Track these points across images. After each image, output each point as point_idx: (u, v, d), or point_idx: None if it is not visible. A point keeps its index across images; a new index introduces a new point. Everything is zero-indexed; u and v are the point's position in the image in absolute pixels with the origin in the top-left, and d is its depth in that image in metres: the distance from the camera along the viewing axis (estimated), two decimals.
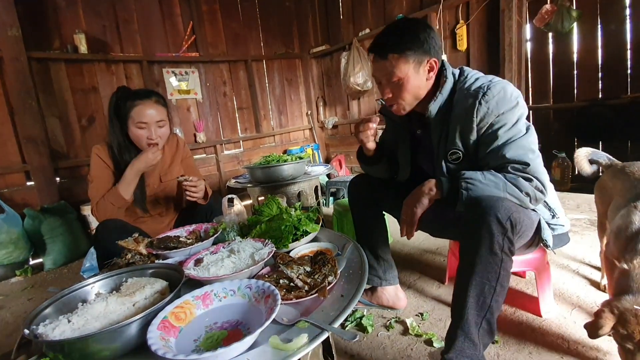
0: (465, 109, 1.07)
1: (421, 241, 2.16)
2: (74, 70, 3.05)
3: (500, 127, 1.03)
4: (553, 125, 3.06)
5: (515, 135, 1.02)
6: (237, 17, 3.98)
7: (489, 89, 1.03)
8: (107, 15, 3.20)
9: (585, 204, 2.46)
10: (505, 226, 0.91)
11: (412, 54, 1.08)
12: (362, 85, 3.75)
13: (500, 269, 0.93)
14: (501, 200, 0.93)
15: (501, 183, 0.97)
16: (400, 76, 1.09)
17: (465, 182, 0.98)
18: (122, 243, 1.16)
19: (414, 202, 1.07)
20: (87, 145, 3.11)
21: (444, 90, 1.14)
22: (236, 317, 0.80)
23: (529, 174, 0.98)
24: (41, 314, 0.81)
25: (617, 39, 2.67)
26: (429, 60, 1.11)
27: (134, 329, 0.72)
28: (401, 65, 1.08)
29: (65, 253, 2.67)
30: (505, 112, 1.02)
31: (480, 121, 1.05)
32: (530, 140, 1.03)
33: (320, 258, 0.97)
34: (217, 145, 3.88)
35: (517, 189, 0.97)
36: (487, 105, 1.03)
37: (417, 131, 1.30)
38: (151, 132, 1.48)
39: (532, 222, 1.03)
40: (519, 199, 0.97)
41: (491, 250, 0.92)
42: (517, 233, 0.95)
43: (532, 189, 0.97)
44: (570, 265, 1.69)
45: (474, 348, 0.94)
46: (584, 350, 1.14)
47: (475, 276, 0.94)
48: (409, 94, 1.13)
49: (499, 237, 0.92)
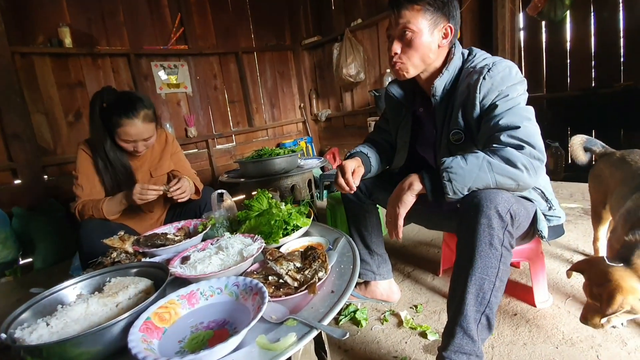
0: (469, 85, 1.04)
1: (415, 233, 2.15)
2: (59, 64, 2.96)
3: (501, 99, 0.99)
4: (546, 115, 3.06)
5: (513, 106, 0.97)
6: (227, 8, 3.89)
7: (494, 65, 1.01)
8: (92, 7, 3.10)
9: (579, 193, 2.46)
10: (505, 219, 0.88)
11: (431, 12, 1.05)
12: (355, 76, 3.70)
13: (500, 264, 0.90)
14: (499, 192, 0.89)
15: (485, 163, 0.89)
16: (414, 29, 1.06)
17: (447, 172, 0.91)
18: (107, 241, 1.12)
19: (396, 201, 1.00)
20: (74, 142, 3.03)
21: (451, 67, 1.10)
22: (223, 316, 0.77)
23: (519, 141, 0.90)
24: (19, 317, 0.78)
25: (610, 27, 2.65)
26: (446, 25, 1.08)
27: (115, 331, 0.69)
28: (418, 18, 1.05)
29: (55, 252, 2.62)
30: (508, 87, 0.99)
31: (483, 98, 1.01)
32: (529, 110, 0.98)
33: (310, 253, 0.95)
34: (209, 140, 3.82)
35: (506, 165, 0.89)
36: (491, 80, 1.00)
37: (420, 109, 1.26)
38: (138, 146, 1.46)
39: (529, 213, 1.00)
40: (509, 176, 0.89)
41: (491, 245, 0.88)
42: (516, 226, 0.91)
43: (525, 158, 0.89)
44: (564, 255, 1.69)
45: (473, 344, 0.91)
46: (579, 339, 1.14)
47: (475, 271, 0.90)
48: (417, 53, 1.09)
49: (500, 231, 0.88)
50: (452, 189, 0.91)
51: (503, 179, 0.90)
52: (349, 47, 3.65)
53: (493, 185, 0.90)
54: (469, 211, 0.90)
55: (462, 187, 0.91)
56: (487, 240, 0.88)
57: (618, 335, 1.13)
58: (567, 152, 2.98)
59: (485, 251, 0.89)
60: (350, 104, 4.14)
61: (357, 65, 3.67)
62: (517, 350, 1.13)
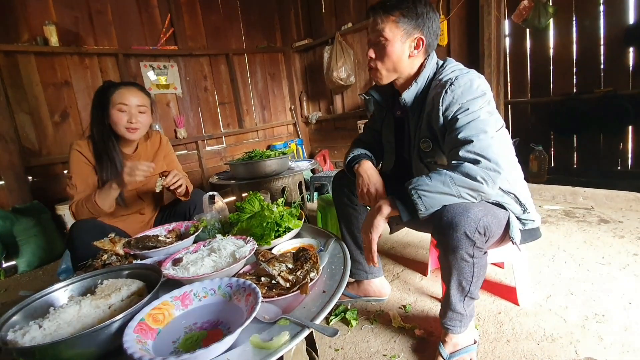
0: (433, 98, 1.09)
1: (404, 234, 2.19)
2: (44, 63, 2.91)
3: (461, 113, 1.02)
4: (530, 119, 3.15)
5: (472, 120, 0.99)
6: (217, 9, 3.89)
7: (456, 79, 1.04)
8: (78, 5, 3.06)
9: (561, 196, 2.55)
10: (474, 238, 0.94)
11: (404, 23, 1.11)
12: (346, 79, 3.74)
13: (474, 268, 1.01)
14: (468, 210, 0.93)
15: (447, 179, 0.94)
16: (387, 37, 1.12)
17: (415, 190, 0.96)
18: (98, 244, 1.12)
19: (368, 227, 1.05)
20: (61, 142, 2.99)
21: (420, 78, 1.15)
22: (216, 317, 0.78)
23: (475, 155, 0.94)
24: (10, 319, 0.77)
25: (591, 35, 2.75)
26: (418, 37, 1.12)
27: (109, 332, 0.69)
28: (392, 27, 1.11)
29: (39, 254, 2.56)
30: (468, 101, 1.02)
31: (445, 110, 1.05)
32: (487, 123, 0.98)
33: (302, 254, 0.97)
34: (199, 141, 3.80)
35: (466, 178, 0.93)
36: (452, 94, 1.03)
37: (398, 112, 1.31)
38: (131, 115, 1.46)
39: (500, 221, 1.02)
40: (471, 188, 0.93)
41: (463, 259, 0.99)
42: (486, 239, 0.97)
43: (482, 170, 0.92)
44: (546, 255, 1.75)
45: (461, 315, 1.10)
46: (559, 336, 1.19)
47: (453, 277, 1.04)
48: (389, 60, 1.15)
49: (469, 249, 0.96)
50: (423, 204, 0.96)
51: (465, 191, 0.95)
52: (339, 50, 3.69)
53: (458, 197, 0.95)
54: (441, 231, 0.98)
55: (431, 202, 0.96)
56: (458, 257, 0.99)
57: (595, 331, 1.19)
58: (550, 156, 3.08)
59: (458, 263, 1.00)
60: (340, 106, 4.18)
61: (347, 69, 3.71)
62: (501, 347, 1.17)
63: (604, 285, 1.44)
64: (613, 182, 2.52)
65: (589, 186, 2.44)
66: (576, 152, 3.01)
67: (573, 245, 1.83)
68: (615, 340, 1.14)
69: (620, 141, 2.80)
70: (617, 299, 1.35)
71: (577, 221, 2.13)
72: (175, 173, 1.48)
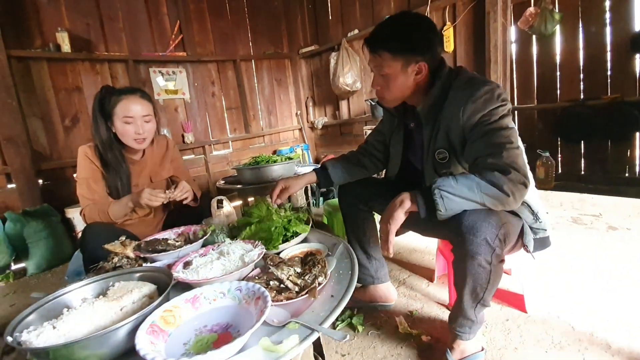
0: (452, 110, 1.08)
1: (410, 240, 2.19)
2: (56, 69, 2.96)
3: (483, 122, 1.02)
4: (537, 125, 3.13)
5: (496, 130, 0.99)
6: (225, 16, 3.94)
7: (477, 90, 1.04)
8: (90, 13, 3.13)
9: (568, 202, 2.53)
10: (494, 245, 0.93)
11: (401, 54, 1.09)
12: (352, 85, 3.76)
13: (491, 275, 0.99)
14: (488, 218, 0.92)
15: (474, 184, 0.93)
16: (388, 72, 1.12)
17: (439, 190, 0.94)
18: (109, 247, 1.14)
19: (387, 218, 1.03)
20: (71, 146, 3.03)
21: (433, 92, 1.13)
22: (226, 320, 0.79)
23: (504, 165, 0.93)
24: (24, 320, 0.79)
25: (598, 41, 2.74)
26: (419, 63, 1.11)
27: (121, 334, 0.71)
28: (389, 62, 1.11)
29: (48, 257, 2.60)
30: (491, 110, 1.02)
31: (467, 119, 1.05)
32: (510, 133, 0.99)
33: (310, 259, 0.98)
34: (206, 146, 3.84)
35: (493, 187, 0.91)
36: (474, 105, 1.03)
37: (410, 124, 1.31)
38: (138, 127, 1.46)
39: (516, 229, 1.04)
40: (496, 197, 0.92)
41: (480, 266, 0.97)
42: (505, 246, 0.97)
43: (511, 182, 0.91)
44: (553, 262, 1.74)
45: (471, 321, 1.10)
46: (567, 343, 1.18)
47: (468, 282, 1.01)
48: (395, 90, 1.16)
49: (488, 255, 0.95)
50: (444, 205, 0.94)
51: (490, 200, 0.93)
52: (345, 56, 3.71)
53: (481, 204, 0.94)
54: (460, 235, 0.96)
55: (452, 205, 0.94)
56: (476, 263, 0.96)
57: (604, 339, 1.18)
58: (557, 162, 3.06)
59: (475, 269, 0.98)
60: (346, 112, 4.20)
61: (353, 75, 3.73)
62: (508, 355, 1.17)
63: (612, 293, 1.43)
64: (621, 188, 2.50)
65: (596, 193, 2.42)
66: (583, 159, 2.98)
67: (581, 252, 1.81)
68: (624, 349, 1.13)
69: (628, 148, 2.77)
70: (626, 306, 1.33)
71: (585, 228, 2.12)
72: (182, 186, 1.47)
